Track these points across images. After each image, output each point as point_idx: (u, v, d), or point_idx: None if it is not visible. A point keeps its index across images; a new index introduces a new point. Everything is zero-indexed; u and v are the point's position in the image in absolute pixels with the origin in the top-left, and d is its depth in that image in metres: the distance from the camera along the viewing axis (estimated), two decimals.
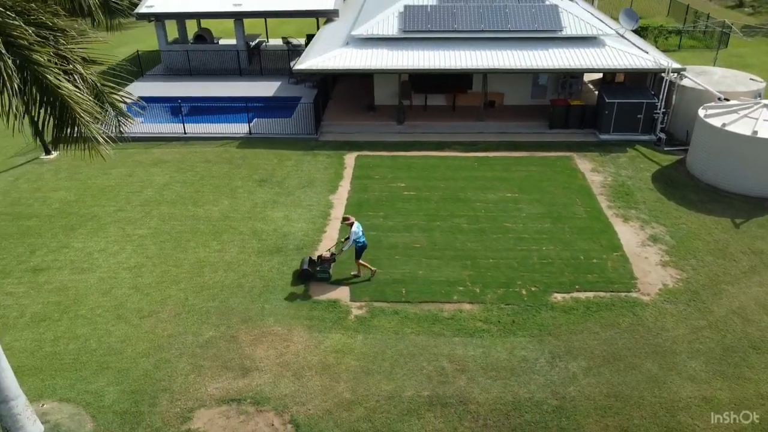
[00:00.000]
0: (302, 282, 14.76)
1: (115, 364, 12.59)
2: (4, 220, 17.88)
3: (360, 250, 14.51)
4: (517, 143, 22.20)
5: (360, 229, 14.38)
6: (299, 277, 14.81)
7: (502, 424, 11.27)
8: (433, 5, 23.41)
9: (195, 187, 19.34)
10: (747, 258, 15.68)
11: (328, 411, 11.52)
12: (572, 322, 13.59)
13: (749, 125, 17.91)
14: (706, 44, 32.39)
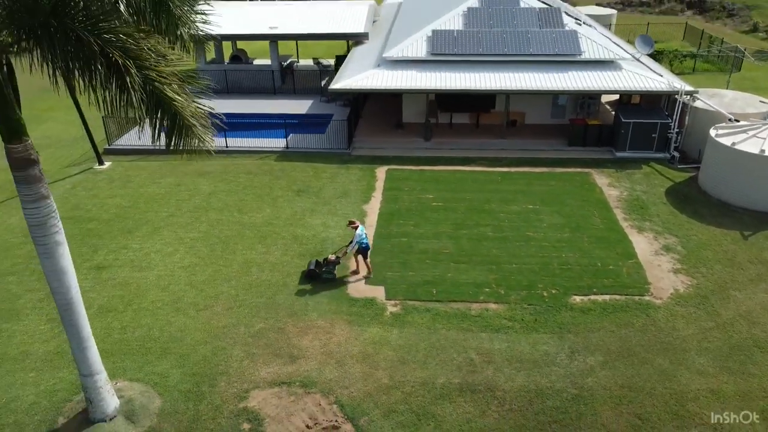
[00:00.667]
0: (308, 281, 16.11)
1: (176, 350, 14.05)
2: (67, 223, 19.49)
3: (364, 251, 15.89)
4: (538, 159, 23.57)
5: (363, 232, 15.85)
6: (306, 277, 16.20)
7: (526, 409, 12.50)
8: (459, 30, 25.00)
9: (239, 195, 20.94)
10: (754, 267, 16.82)
11: (369, 394, 12.85)
12: (590, 322, 14.82)
13: (757, 144, 19.12)
14: (720, 68, 33.62)
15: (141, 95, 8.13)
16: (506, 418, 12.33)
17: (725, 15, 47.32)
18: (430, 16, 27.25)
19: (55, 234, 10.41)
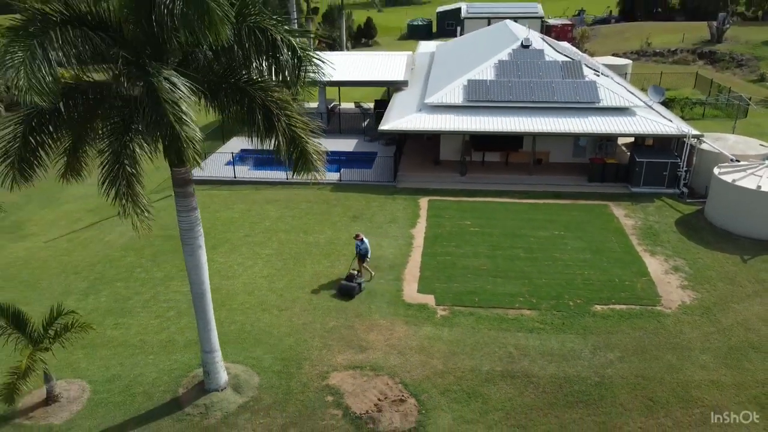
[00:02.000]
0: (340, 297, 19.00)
1: (266, 340, 17.11)
2: (159, 239, 22.96)
3: (363, 256, 19.17)
4: (562, 193, 26.63)
5: (366, 242, 19.23)
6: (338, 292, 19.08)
7: (557, 392, 15.28)
8: (491, 80, 28.50)
9: (303, 220, 24.22)
10: (752, 285, 19.56)
11: (427, 377, 15.74)
12: (609, 325, 17.63)
13: (755, 181, 22.06)
14: (728, 114, 36.66)
15: (284, 134, 11.44)
16: (540, 398, 15.11)
17: (734, 65, 50.65)
18: (464, 66, 30.85)
19: (198, 237, 13.69)
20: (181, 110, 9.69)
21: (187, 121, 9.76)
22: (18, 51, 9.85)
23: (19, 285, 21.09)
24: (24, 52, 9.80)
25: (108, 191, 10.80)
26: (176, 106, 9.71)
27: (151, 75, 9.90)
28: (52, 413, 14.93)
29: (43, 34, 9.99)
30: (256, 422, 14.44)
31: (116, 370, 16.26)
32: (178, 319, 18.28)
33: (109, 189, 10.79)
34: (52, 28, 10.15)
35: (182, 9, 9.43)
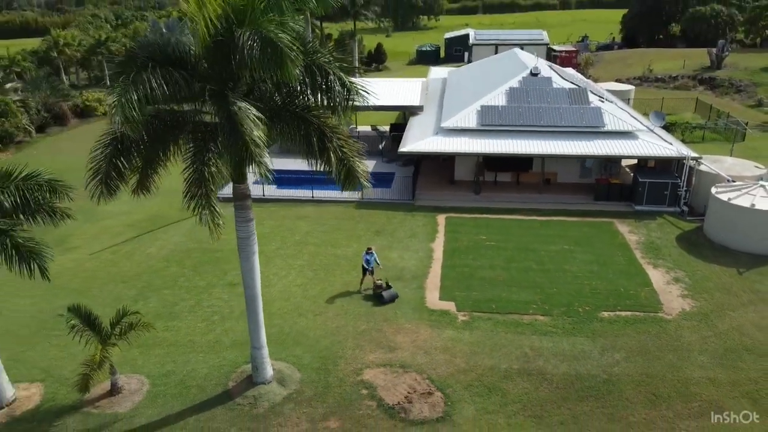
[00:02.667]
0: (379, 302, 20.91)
1: (304, 341, 18.89)
2: (198, 252, 24.88)
3: (364, 268, 21.14)
4: (569, 211, 28.47)
5: (372, 257, 21.16)
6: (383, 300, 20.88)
7: (569, 387, 16.97)
8: (503, 105, 30.56)
9: (330, 234, 26.11)
10: (746, 295, 21.26)
11: (451, 374, 17.46)
12: (615, 329, 19.35)
13: (749, 200, 23.87)
14: (726, 138, 38.57)
15: (336, 155, 13.39)
16: (554, 393, 16.80)
17: (733, 91, 52.68)
18: (477, 93, 32.95)
19: (254, 245, 15.59)
20: (254, 134, 11.64)
21: (259, 144, 11.71)
22: (116, 88, 11.88)
23: (71, 293, 22.92)
24: (120, 90, 11.80)
25: (189, 203, 12.68)
26: (250, 131, 11.67)
27: (230, 104, 11.89)
28: (116, 403, 16.70)
29: (137, 74, 11.99)
30: (300, 411, 16.17)
31: (170, 367, 18.05)
32: (222, 323, 20.10)
33: (189, 201, 12.68)
34: (144, 68, 12.17)
35: (260, 52, 11.43)
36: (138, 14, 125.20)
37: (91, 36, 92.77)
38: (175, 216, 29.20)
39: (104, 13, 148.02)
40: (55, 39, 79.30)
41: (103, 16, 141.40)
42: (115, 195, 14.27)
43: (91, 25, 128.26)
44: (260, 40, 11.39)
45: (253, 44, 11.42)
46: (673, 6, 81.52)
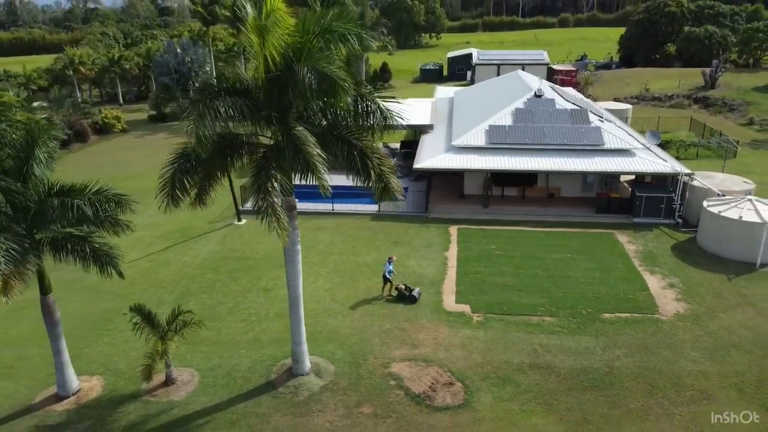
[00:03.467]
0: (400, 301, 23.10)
1: (335, 338, 20.94)
2: (232, 260, 26.98)
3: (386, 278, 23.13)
4: (572, 223, 30.63)
5: (391, 266, 23.14)
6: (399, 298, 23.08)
7: (575, 379, 18.99)
8: (509, 125, 32.84)
9: (351, 244, 28.24)
10: (735, 298, 23.35)
11: (469, 367, 19.49)
12: (616, 329, 21.41)
13: (737, 212, 26.04)
14: (719, 155, 40.86)
15: (375, 172, 15.57)
16: (562, 383, 18.82)
17: (726, 109, 55.09)
18: (485, 113, 35.26)
19: (299, 250, 17.68)
20: (315, 153, 13.83)
21: (320, 162, 13.89)
22: (193, 112, 14.09)
23: (115, 297, 25.02)
24: (197, 113, 14.01)
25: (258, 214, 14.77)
26: (312, 151, 13.86)
27: (292, 128, 14.09)
28: (171, 392, 18.72)
29: (211, 101, 14.22)
30: (336, 399, 18.19)
31: (216, 361, 20.09)
32: (260, 323, 22.17)
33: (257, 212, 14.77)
34: (216, 97, 14.40)
35: (317, 84, 13.66)
36: (147, 33, 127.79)
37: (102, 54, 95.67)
38: (204, 227, 31.34)
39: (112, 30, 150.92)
40: (70, 57, 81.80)
41: (112, 33, 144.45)
42: (178, 206, 16.42)
43: (100, 43, 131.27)
44: (317, 74, 13.62)
45: (311, 77, 13.64)
46: (669, 27, 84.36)
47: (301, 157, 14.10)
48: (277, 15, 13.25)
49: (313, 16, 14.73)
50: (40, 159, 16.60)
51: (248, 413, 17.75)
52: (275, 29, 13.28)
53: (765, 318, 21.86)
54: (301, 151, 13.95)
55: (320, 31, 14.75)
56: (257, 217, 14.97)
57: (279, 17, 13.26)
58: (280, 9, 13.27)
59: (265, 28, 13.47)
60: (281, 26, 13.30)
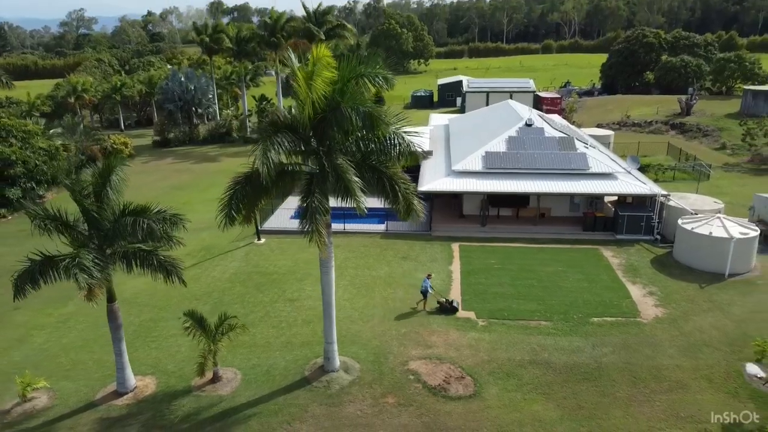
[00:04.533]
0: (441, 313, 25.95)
1: (358, 341, 23.78)
2: (256, 275, 29.78)
3: (425, 293, 25.92)
4: (562, 239, 33.85)
5: (429, 283, 25.93)
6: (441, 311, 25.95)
7: (568, 373, 21.96)
8: (504, 152, 36.20)
9: (364, 260, 31.19)
10: (706, 304, 26.56)
11: (477, 363, 22.42)
12: (603, 331, 24.48)
13: (708, 229, 29.41)
14: (694, 177, 44.51)
15: (402, 194, 18.64)
16: (558, 377, 21.79)
17: (701, 135, 59.14)
18: (481, 140, 38.63)
19: (332, 265, 20.62)
20: (353, 180, 16.90)
21: (358, 187, 16.95)
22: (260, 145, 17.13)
23: (153, 308, 27.70)
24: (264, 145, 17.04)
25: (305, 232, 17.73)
26: (350, 177, 16.93)
27: (335, 159, 17.17)
28: (219, 388, 21.41)
29: (270, 137, 17.28)
30: (364, 391, 21.00)
31: (255, 362, 22.83)
32: (290, 329, 24.98)
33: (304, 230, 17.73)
34: (273, 133, 17.47)
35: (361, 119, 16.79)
36: (144, 60, 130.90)
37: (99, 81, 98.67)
38: (227, 246, 34.16)
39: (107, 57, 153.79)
40: (74, 85, 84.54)
41: (107, 60, 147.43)
42: (232, 225, 19.33)
43: (97, 70, 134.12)
44: (361, 112, 16.75)
45: (355, 115, 16.78)
46: (647, 56, 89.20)
47: (341, 184, 17.11)
48: (324, 61, 16.36)
49: (348, 64, 17.87)
50: (114, 184, 19.48)
51: (288, 404, 20.50)
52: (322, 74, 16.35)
53: (731, 320, 25.07)
54: (343, 178, 17.01)
55: (355, 75, 17.92)
56: (303, 236, 17.91)
57: (325, 63, 16.36)
58: (326, 56, 16.40)
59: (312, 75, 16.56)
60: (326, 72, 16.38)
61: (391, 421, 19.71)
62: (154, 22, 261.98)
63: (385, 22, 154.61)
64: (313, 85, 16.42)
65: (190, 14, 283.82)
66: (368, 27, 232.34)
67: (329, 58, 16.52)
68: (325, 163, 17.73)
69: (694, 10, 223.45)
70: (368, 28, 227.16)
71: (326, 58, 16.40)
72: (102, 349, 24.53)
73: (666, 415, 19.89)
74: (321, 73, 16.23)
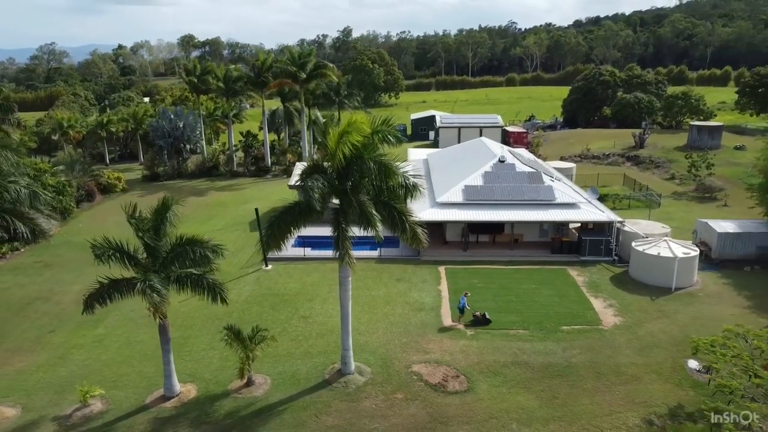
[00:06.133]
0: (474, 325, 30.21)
1: (367, 349, 27.93)
2: (270, 296, 33.74)
3: (462, 309, 30.38)
4: (533, 261, 38.73)
5: (465, 300, 30.39)
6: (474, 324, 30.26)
7: (544, 371, 26.47)
8: (480, 185, 41.17)
9: (363, 282, 35.43)
10: (656, 313, 31.54)
11: (469, 365, 26.79)
12: (572, 336, 29.17)
13: (657, 250, 34.63)
14: (646, 205, 50.22)
15: (409, 226, 23.14)
16: (535, 374, 26.27)
17: (653, 166, 65.48)
18: (460, 175, 43.56)
19: (350, 281, 24.90)
20: (374, 213, 21.38)
21: (377, 219, 21.41)
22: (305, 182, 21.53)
23: (181, 327, 31.34)
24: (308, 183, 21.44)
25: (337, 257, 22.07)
26: (371, 211, 21.40)
27: (359, 197, 21.66)
28: (253, 391, 25.26)
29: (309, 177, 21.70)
30: (376, 389, 25.14)
31: (281, 368, 26.77)
32: (306, 341, 29.00)
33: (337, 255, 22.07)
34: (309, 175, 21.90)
35: (378, 168, 21.32)
36: (124, 95, 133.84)
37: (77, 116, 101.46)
38: (237, 272, 38.02)
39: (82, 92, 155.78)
40: (59, 121, 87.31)
41: (83, 95, 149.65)
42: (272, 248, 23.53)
43: (75, 105, 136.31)
44: (378, 162, 21.32)
45: (374, 165, 21.33)
46: (604, 92, 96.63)
47: (364, 216, 21.57)
48: (356, 126, 20.94)
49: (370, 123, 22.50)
50: (170, 220, 23.51)
51: (314, 402, 24.49)
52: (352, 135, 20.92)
53: (676, 325, 30.06)
54: (365, 212, 21.49)
55: (372, 132, 22.53)
56: (335, 257, 22.25)
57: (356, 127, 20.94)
58: (362, 122, 20.99)
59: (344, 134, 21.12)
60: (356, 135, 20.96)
61: (402, 412, 23.87)
62: (125, 56, 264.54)
63: (358, 58, 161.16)
64: (345, 141, 21.00)
65: (161, 47, 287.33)
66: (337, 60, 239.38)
67: (363, 125, 21.08)
68: (352, 200, 22.15)
69: (648, 45, 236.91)
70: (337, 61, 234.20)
71: (359, 124, 20.97)
72: (140, 363, 28.16)
73: (624, 401, 24.49)
74: (352, 135, 20.77)
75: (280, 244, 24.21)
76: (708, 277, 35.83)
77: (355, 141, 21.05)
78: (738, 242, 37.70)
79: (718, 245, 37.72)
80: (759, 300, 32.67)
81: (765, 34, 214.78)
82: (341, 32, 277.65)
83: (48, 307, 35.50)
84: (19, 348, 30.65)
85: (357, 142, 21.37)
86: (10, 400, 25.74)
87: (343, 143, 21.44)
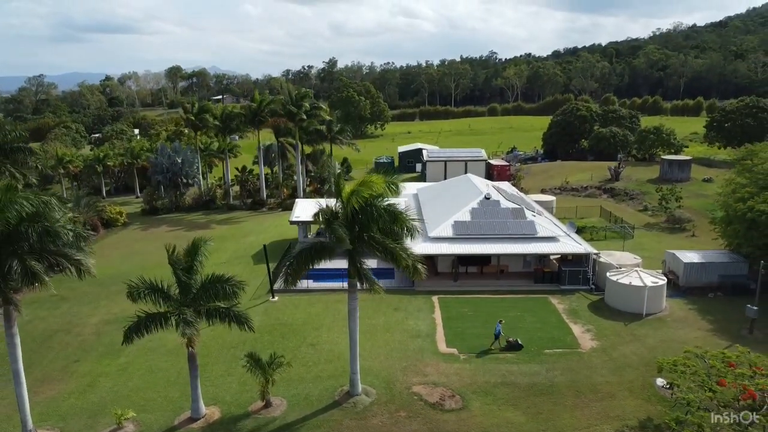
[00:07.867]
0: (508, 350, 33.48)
1: (371, 373, 31.08)
2: (279, 326, 36.83)
3: (497, 335, 33.67)
4: (518, 290, 42.30)
5: (500, 327, 33.70)
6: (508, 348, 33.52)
7: (530, 390, 29.81)
8: (468, 221, 44.88)
9: (363, 311, 38.46)
10: (629, 337, 35.13)
11: (463, 386, 30.06)
12: (554, 359, 32.60)
13: (629, 279, 38.40)
14: (621, 236, 54.24)
15: (411, 261, 26.63)
16: (522, 393, 29.59)
17: (628, 198, 69.90)
18: (449, 211, 47.28)
19: (357, 312, 28.21)
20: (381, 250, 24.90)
21: (382, 255, 24.89)
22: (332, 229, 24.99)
23: (198, 355, 34.08)
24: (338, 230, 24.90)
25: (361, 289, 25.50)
26: (379, 248, 24.90)
27: (367, 237, 25.19)
28: (271, 412, 28.26)
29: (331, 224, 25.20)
30: (382, 408, 28.29)
31: (294, 391, 29.81)
32: (316, 366, 32.09)
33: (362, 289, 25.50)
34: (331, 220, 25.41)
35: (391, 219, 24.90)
36: (117, 129, 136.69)
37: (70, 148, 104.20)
38: (246, 304, 40.97)
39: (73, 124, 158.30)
40: (60, 157, 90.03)
41: (74, 127, 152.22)
42: (292, 284, 26.84)
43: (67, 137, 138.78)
44: (387, 211, 24.88)
45: (383, 213, 24.88)
46: (582, 126, 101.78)
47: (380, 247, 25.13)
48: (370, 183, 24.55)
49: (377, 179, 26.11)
50: (201, 259, 26.72)
51: (326, 420, 27.56)
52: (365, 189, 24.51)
53: (646, 348, 33.66)
54: (381, 243, 25.04)
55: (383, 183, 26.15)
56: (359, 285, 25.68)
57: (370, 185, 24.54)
58: (377, 182, 24.60)
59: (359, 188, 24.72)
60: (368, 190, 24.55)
61: (405, 428, 27.03)
62: (113, 87, 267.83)
63: (344, 91, 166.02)
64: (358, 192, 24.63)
65: (148, 78, 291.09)
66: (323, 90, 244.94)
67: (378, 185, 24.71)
68: (365, 237, 25.67)
69: (623, 75, 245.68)
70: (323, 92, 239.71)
71: (375, 184, 24.59)
72: (165, 389, 31.01)
73: (600, 416, 27.89)
74: (365, 189, 24.37)
75: (298, 279, 27.49)
76: (675, 303, 39.61)
77: (366, 195, 24.68)
78: (702, 271, 41.65)
79: (685, 274, 41.64)
80: (720, 324, 36.46)
81: (735, 65, 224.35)
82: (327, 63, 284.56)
83: (70, 338, 38.16)
84: (48, 377, 33.27)
85: (368, 195, 24.99)
86: (48, 424, 28.39)
87: (356, 195, 25.01)
